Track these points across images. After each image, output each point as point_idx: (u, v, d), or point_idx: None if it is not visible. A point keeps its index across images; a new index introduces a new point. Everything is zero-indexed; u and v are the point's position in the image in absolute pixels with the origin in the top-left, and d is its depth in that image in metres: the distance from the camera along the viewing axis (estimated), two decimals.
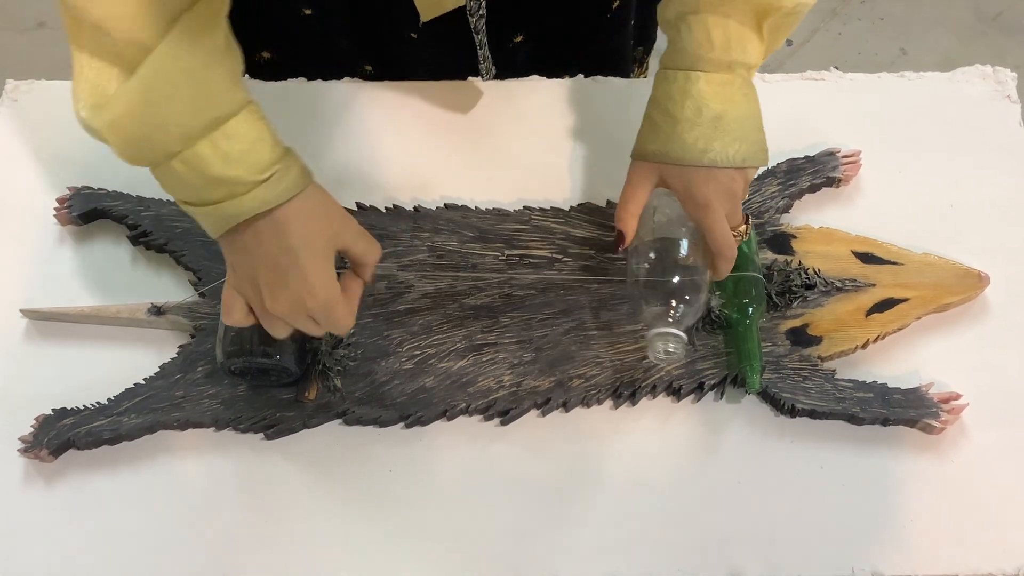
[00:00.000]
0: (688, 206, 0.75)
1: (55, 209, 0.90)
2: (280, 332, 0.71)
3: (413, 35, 0.95)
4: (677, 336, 0.75)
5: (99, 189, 0.90)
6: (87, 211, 0.89)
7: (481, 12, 0.90)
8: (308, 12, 0.95)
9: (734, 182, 0.74)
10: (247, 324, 0.72)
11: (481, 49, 0.95)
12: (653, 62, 1.18)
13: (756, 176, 0.90)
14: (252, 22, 0.99)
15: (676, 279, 0.76)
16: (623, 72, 1.08)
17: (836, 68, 1.02)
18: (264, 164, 0.65)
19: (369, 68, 1.01)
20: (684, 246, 0.77)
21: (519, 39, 0.99)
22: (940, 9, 2.08)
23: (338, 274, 0.71)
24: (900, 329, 0.84)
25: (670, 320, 0.75)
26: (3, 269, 0.88)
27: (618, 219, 0.77)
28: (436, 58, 0.97)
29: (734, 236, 0.75)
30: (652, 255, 0.78)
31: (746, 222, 0.79)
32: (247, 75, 1.04)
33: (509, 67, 1.00)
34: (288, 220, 0.66)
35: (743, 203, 0.78)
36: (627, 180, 0.77)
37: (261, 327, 0.76)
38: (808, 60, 2.02)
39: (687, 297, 0.76)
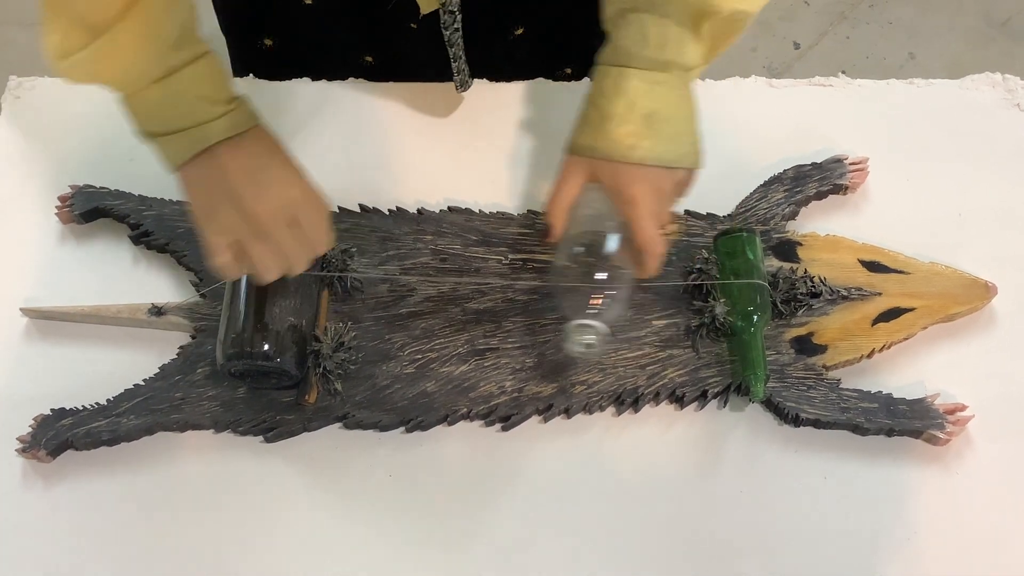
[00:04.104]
0: (616, 202, 0.74)
1: (56, 207, 0.89)
2: (271, 264, 0.70)
3: (413, 25, 0.95)
4: (596, 328, 0.74)
5: (101, 188, 0.89)
6: (89, 210, 0.88)
7: (456, 26, 0.89)
8: (309, 2, 0.95)
9: (662, 181, 0.74)
10: (235, 269, 0.71)
11: (453, 52, 0.93)
12: None
13: (764, 183, 0.90)
14: (255, 9, 0.99)
15: (600, 273, 0.75)
16: None
17: (844, 72, 1.01)
18: (230, 95, 0.72)
19: (369, 60, 1.01)
20: (610, 241, 0.76)
21: (519, 32, 0.98)
22: (949, 14, 2.07)
23: None
24: (906, 339, 0.83)
25: (591, 312, 0.75)
26: (3, 267, 0.88)
27: (548, 211, 0.77)
28: (437, 52, 0.97)
29: (663, 235, 0.75)
30: (578, 248, 0.77)
31: (675, 222, 0.78)
32: (249, 67, 1.04)
33: (508, 61, 0.99)
34: (255, 140, 0.72)
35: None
36: (559, 173, 0.77)
37: (259, 328, 0.76)
38: (816, 63, 2.02)
39: (610, 291, 0.75)
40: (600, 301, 0.75)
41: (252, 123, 0.72)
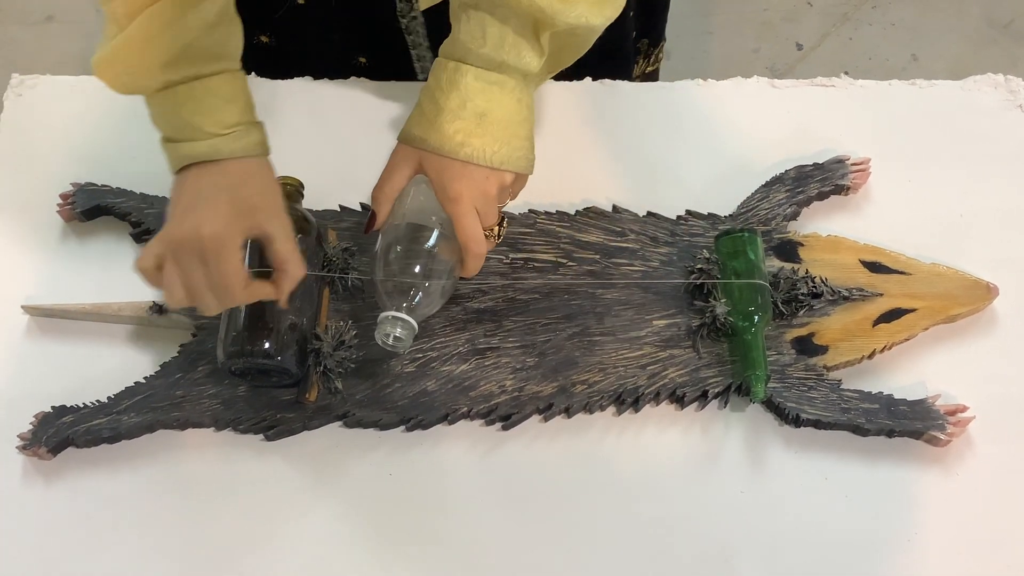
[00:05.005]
0: (440, 197, 0.74)
1: (58, 205, 0.89)
2: (174, 291, 0.69)
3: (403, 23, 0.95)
4: (407, 322, 0.74)
5: (103, 186, 0.89)
6: (90, 208, 0.88)
7: (414, 14, 0.90)
8: (301, 1, 0.95)
9: (488, 182, 0.74)
10: (151, 278, 0.70)
11: (412, 40, 0.94)
12: (667, 64, 1.18)
13: (766, 183, 0.90)
14: (251, 6, 0.99)
15: (418, 267, 0.75)
16: (622, 64, 1.07)
17: (846, 73, 1.01)
18: (229, 123, 0.72)
19: (363, 60, 1.01)
20: (432, 236, 0.76)
21: None
22: (952, 16, 2.07)
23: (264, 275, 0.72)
24: (907, 340, 0.83)
25: (404, 306, 0.75)
26: (5, 265, 0.88)
27: (373, 199, 0.77)
28: (427, 52, 0.97)
29: (486, 235, 0.75)
30: (400, 239, 0.76)
31: (500, 224, 0.78)
32: (248, 64, 1.04)
33: None
34: (228, 171, 0.71)
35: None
36: (388, 161, 0.77)
37: (259, 326, 0.76)
38: (818, 64, 2.01)
39: (427, 286, 0.75)
40: (417, 295, 0.75)
41: (240, 153, 0.72)
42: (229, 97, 0.72)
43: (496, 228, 0.78)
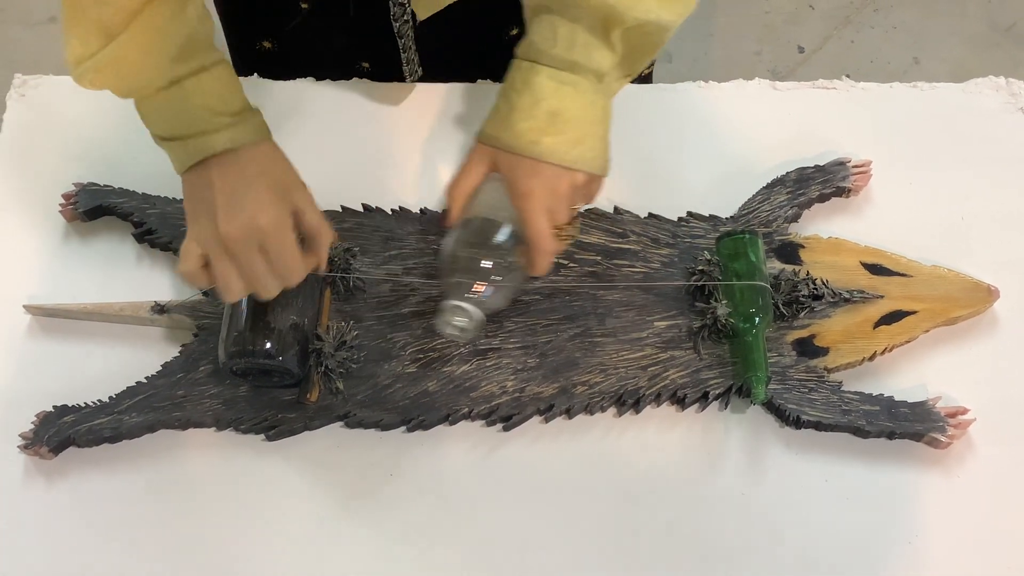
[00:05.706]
0: (511, 194, 0.75)
1: (60, 205, 0.89)
2: (233, 285, 0.70)
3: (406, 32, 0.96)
4: (472, 313, 0.74)
5: (105, 186, 0.90)
6: (92, 207, 0.88)
7: (406, 18, 0.91)
8: (305, 6, 0.95)
9: (559, 180, 0.74)
10: (200, 279, 0.72)
11: (403, 43, 0.95)
12: (668, 67, 1.18)
13: (767, 185, 0.90)
14: (254, 9, 0.99)
15: (487, 262, 0.76)
16: None
17: (848, 76, 1.01)
18: (236, 108, 0.72)
19: (366, 65, 1.01)
20: (503, 231, 0.77)
21: (514, 32, 0.99)
22: (954, 19, 2.07)
23: None
24: (908, 342, 0.83)
25: (471, 297, 0.75)
26: (7, 264, 0.88)
27: (447, 195, 0.78)
28: (431, 58, 0.97)
29: (556, 234, 0.75)
30: (471, 232, 0.77)
31: (571, 224, 0.78)
32: (250, 68, 1.04)
33: (505, 62, 1.00)
34: (251, 158, 0.72)
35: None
36: (464, 159, 0.77)
37: (261, 326, 0.76)
38: (820, 67, 2.01)
39: (494, 279, 0.76)
40: (483, 288, 0.75)
41: (254, 138, 0.72)
42: (231, 84, 0.73)
43: (567, 227, 0.78)
